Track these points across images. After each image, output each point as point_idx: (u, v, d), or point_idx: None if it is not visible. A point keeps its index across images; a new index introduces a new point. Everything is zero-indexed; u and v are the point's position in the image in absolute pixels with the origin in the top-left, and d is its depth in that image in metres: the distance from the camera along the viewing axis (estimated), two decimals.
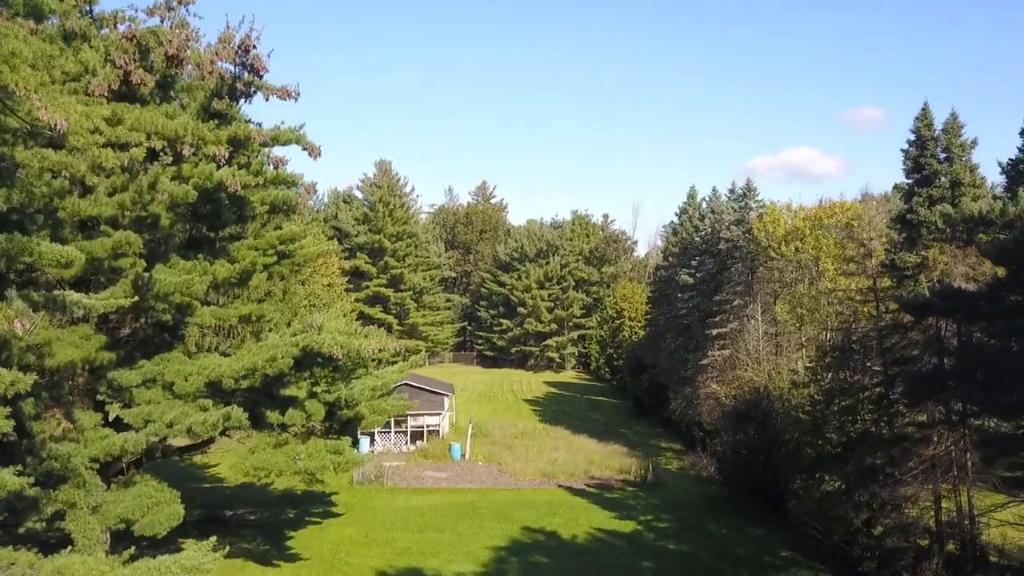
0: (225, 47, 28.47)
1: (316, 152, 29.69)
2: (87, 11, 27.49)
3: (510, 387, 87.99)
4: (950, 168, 26.43)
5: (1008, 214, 21.99)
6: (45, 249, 14.34)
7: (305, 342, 26.49)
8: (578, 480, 45.89)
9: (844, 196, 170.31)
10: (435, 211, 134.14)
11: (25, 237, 14.13)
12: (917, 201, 26.76)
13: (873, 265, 31.80)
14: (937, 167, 26.60)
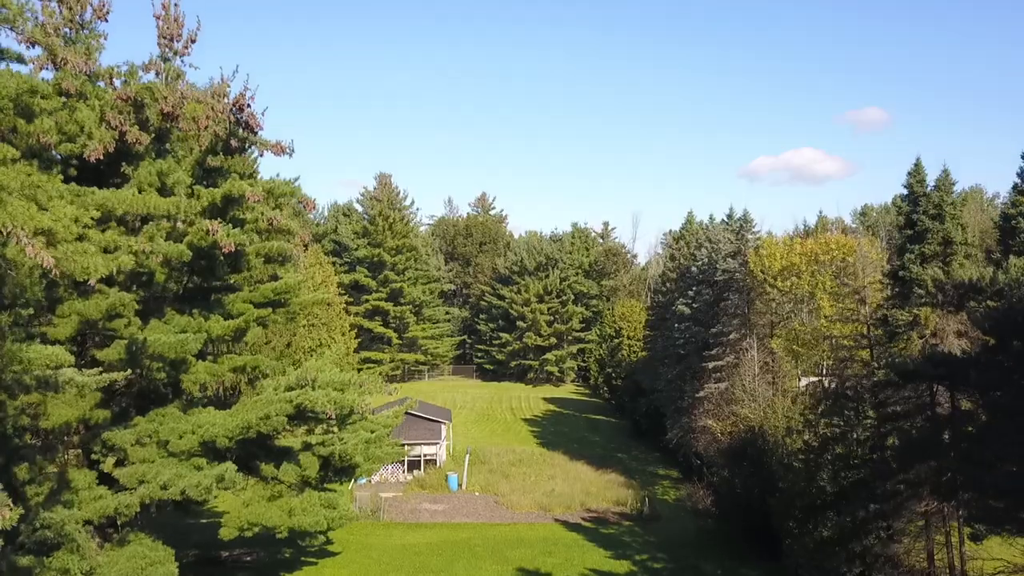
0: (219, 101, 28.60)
1: (311, 206, 29.94)
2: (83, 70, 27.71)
3: (509, 404, 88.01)
4: (941, 226, 26.54)
5: (998, 282, 22.06)
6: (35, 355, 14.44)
7: (299, 399, 26.61)
8: (574, 513, 45.97)
9: (843, 206, 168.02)
10: (435, 223, 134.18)
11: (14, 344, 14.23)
12: (909, 258, 26.87)
13: (866, 313, 31.88)
14: (928, 224, 26.71)
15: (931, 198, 26.98)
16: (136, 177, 26.75)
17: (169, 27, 30.30)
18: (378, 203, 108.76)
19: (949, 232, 26.28)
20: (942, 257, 26.33)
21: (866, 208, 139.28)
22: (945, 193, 26.90)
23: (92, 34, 28.36)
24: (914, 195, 27.44)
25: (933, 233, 26.53)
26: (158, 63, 29.57)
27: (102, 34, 28.79)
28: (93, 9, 28.51)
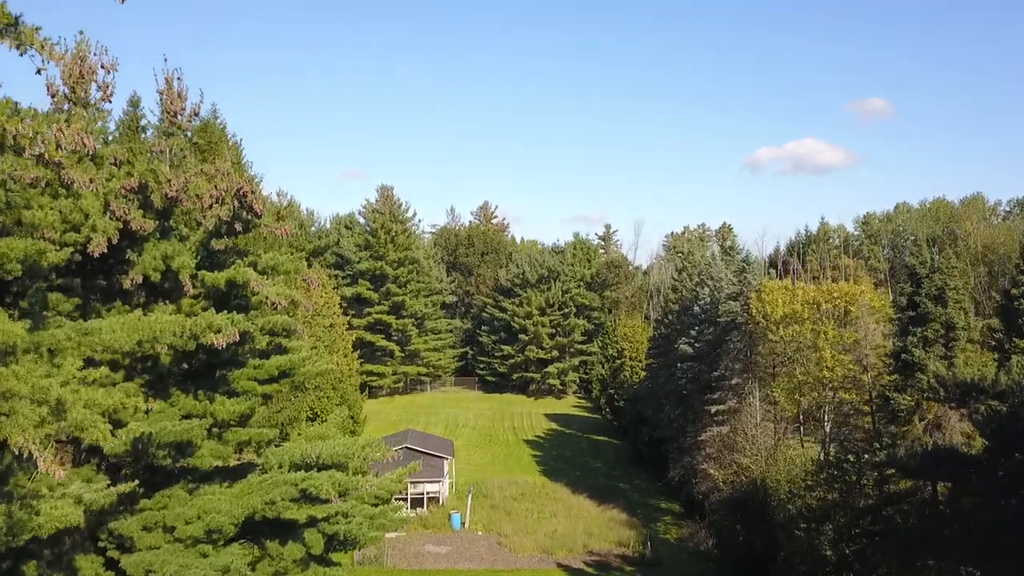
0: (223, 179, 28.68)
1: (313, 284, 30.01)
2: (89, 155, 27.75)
3: (511, 423, 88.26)
4: (944, 311, 26.61)
5: (1000, 384, 22.14)
6: (44, 520, 14.57)
7: (304, 484, 26.77)
8: (576, 556, 46.21)
9: (845, 213, 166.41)
10: (437, 232, 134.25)
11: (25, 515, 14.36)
12: (911, 341, 26.96)
13: (868, 381, 31.99)
14: (931, 308, 26.78)
15: (934, 281, 27.05)
16: (140, 263, 26.83)
17: (172, 102, 30.44)
18: (380, 216, 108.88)
19: (952, 317, 26.36)
20: (944, 342, 26.42)
21: (868, 217, 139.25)
22: (948, 276, 26.97)
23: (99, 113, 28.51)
24: (917, 276, 27.52)
25: (935, 317, 26.61)
26: (161, 142, 29.72)
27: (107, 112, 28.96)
28: (98, 86, 28.57)
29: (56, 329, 18.32)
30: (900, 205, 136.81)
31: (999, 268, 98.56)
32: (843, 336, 42.49)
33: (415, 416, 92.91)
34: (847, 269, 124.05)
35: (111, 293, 28.57)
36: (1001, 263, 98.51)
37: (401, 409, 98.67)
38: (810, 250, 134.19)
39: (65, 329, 18.55)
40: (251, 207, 27.51)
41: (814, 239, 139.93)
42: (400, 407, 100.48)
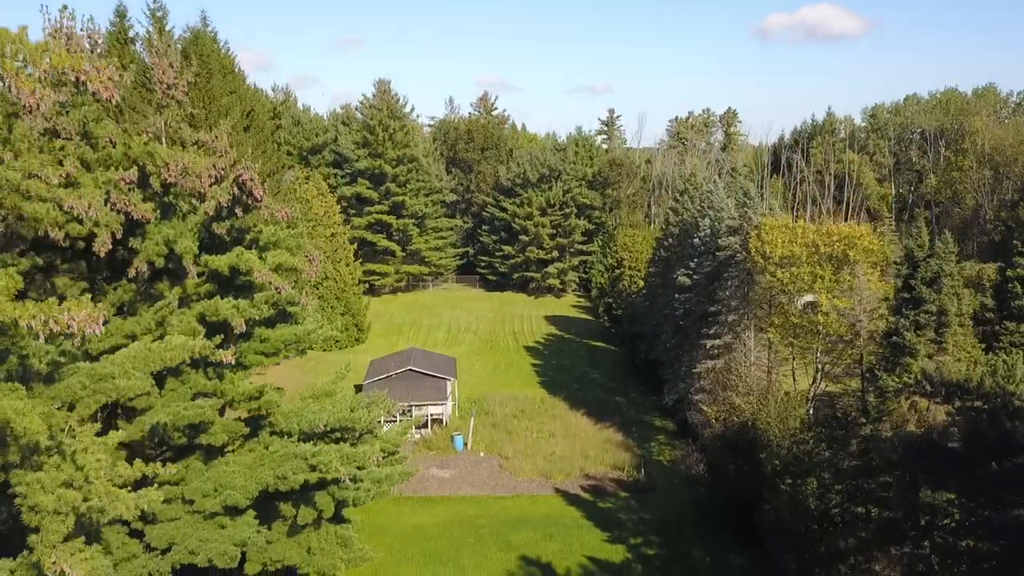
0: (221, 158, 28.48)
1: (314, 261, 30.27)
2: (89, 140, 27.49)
3: (512, 327, 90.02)
4: (938, 296, 27.03)
5: (984, 386, 22.91)
6: None
7: (314, 460, 28.11)
8: (573, 481, 48.59)
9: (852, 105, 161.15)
10: (435, 125, 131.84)
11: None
12: (904, 324, 27.50)
13: (861, 344, 32.84)
14: (925, 292, 27.17)
15: (930, 265, 27.32)
16: (144, 250, 27.10)
17: (165, 72, 29.73)
18: (378, 112, 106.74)
19: (944, 303, 26.82)
20: (936, 327, 27.01)
21: (876, 109, 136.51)
22: (945, 261, 27.22)
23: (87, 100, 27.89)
24: (914, 259, 27.76)
25: (929, 301, 27.07)
26: (157, 122, 29.24)
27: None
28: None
29: (71, 379, 18.83)
30: (910, 97, 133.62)
31: (1005, 170, 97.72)
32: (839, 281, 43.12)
33: (418, 317, 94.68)
34: (851, 165, 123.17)
35: (117, 271, 28.96)
36: (1008, 165, 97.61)
37: (404, 309, 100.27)
38: (815, 142, 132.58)
39: (79, 377, 19.09)
40: (251, 192, 27.50)
41: (820, 129, 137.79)
42: (403, 306, 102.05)
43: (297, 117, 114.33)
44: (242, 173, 26.88)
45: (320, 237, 77.29)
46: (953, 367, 24.79)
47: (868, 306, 33.20)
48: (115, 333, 26.99)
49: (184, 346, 22.45)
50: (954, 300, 26.91)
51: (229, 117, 65.38)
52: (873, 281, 43.29)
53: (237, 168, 26.99)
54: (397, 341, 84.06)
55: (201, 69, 63.62)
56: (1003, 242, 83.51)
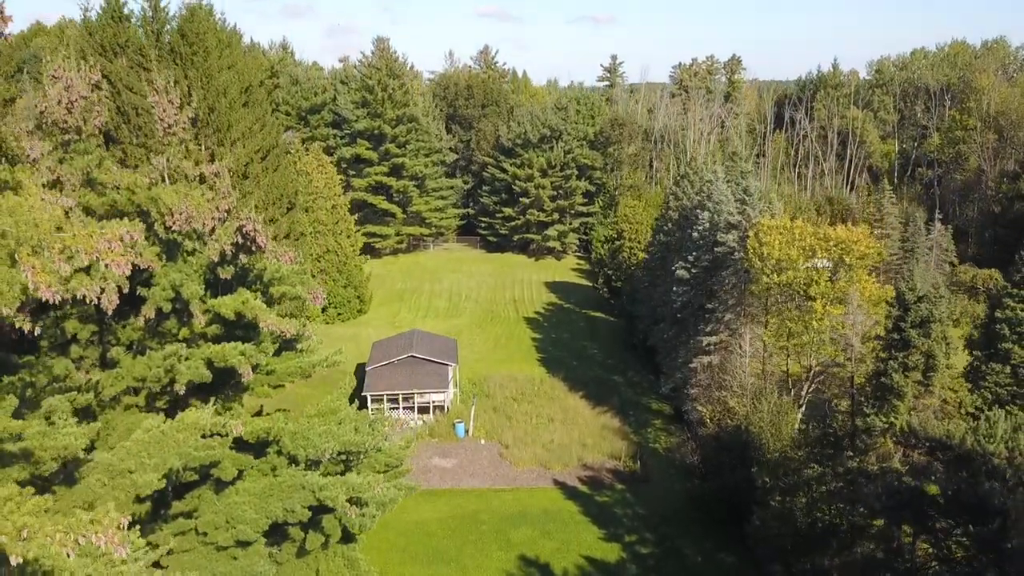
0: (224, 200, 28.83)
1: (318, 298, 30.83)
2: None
3: (512, 294, 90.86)
4: (927, 341, 27.70)
5: (966, 444, 23.80)
6: None
7: (321, 494, 29.24)
8: (571, 471, 50.10)
9: (858, 58, 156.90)
10: (435, 79, 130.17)
11: None
12: (892, 365, 28.25)
13: (853, 363, 33.72)
14: (914, 337, 27.84)
15: (919, 310, 27.92)
16: (152, 297, 27.69)
17: (165, 111, 29.80)
18: (377, 72, 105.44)
19: (932, 349, 27.52)
20: (924, 370, 27.76)
21: (881, 63, 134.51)
22: (934, 307, 27.81)
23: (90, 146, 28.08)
24: (904, 302, 28.34)
25: (918, 346, 27.77)
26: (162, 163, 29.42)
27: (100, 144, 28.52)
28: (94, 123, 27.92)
29: (91, 478, 19.64)
30: (917, 51, 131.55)
31: (1009, 134, 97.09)
32: (835, 288, 43.75)
33: (418, 283, 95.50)
34: (855, 121, 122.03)
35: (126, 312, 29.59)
36: (1012, 129, 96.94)
37: (405, 272, 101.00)
38: (819, 95, 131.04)
39: (98, 474, 19.88)
40: (254, 240, 27.89)
41: (824, 83, 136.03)
42: (404, 269, 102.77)
43: (295, 76, 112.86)
44: (245, 224, 27.26)
45: (321, 210, 77.53)
46: (935, 425, 25.66)
47: (860, 329, 33.89)
48: (125, 376, 27.80)
49: (196, 424, 23.26)
50: (942, 345, 27.63)
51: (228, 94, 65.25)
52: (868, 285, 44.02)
53: (240, 218, 27.34)
54: (399, 310, 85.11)
55: (198, 48, 62.98)
56: (1003, 213, 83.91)
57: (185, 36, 62.44)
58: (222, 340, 29.78)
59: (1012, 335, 34.95)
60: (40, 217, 15.21)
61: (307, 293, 30.52)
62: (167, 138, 29.64)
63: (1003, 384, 34.57)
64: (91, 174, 27.68)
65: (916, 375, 27.63)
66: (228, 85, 65.01)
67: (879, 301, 43.68)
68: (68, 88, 26.39)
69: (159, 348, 29.56)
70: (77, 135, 27.26)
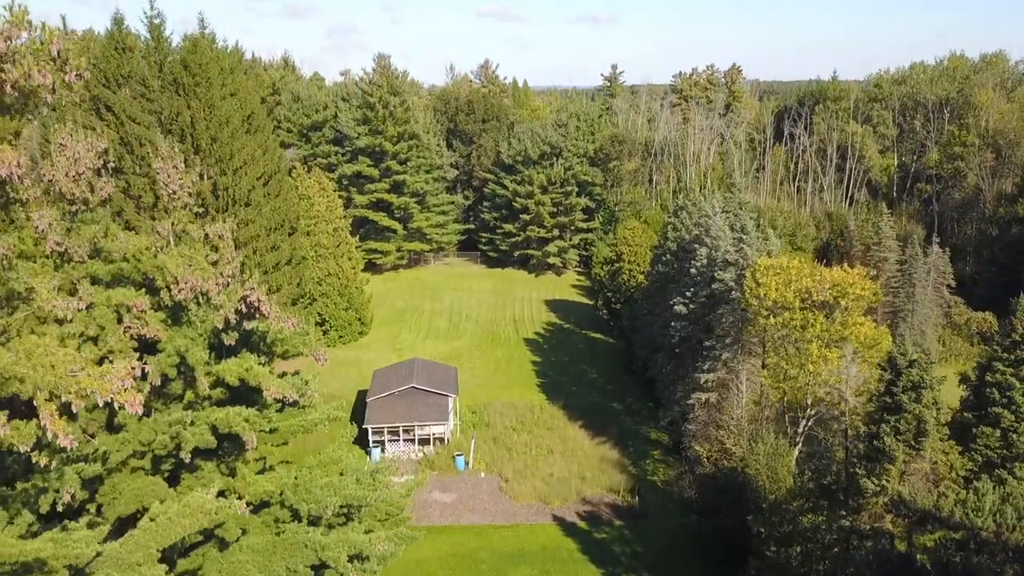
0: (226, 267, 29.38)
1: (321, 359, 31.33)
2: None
3: (512, 313, 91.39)
4: (918, 406, 28.22)
5: (955, 517, 24.34)
6: None
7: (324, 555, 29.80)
8: (570, 505, 50.64)
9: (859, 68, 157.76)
10: (436, 95, 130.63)
11: None
12: (884, 429, 28.77)
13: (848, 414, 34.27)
14: (905, 402, 28.36)
15: (911, 375, 28.44)
16: (157, 365, 28.21)
17: (170, 177, 30.31)
18: (378, 89, 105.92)
19: (923, 414, 28.03)
20: (915, 433, 28.29)
21: (880, 78, 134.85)
22: (924, 372, 28.33)
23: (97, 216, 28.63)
24: (896, 367, 28.88)
25: (909, 411, 28.29)
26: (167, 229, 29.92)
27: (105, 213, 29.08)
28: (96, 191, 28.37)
29: (100, 574, 20.16)
30: (916, 65, 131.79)
31: (1007, 153, 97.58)
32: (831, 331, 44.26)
33: (419, 301, 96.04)
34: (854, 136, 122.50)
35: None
36: (1010, 148, 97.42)
37: (405, 289, 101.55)
38: (819, 109, 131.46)
39: (108, 569, 20.39)
40: (258, 309, 28.40)
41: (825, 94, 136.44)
42: (404, 286, 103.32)
43: (296, 92, 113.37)
44: (249, 294, 27.78)
45: (322, 233, 78.06)
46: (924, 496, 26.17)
47: (854, 384, 34.42)
48: (131, 440, 28.34)
49: (202, 508, 23.80)
50: (933, 411, 28.15)
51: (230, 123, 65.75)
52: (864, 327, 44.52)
53: (245, 288, 27.86)
54: (399, 331, 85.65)
55: (200, 78, 63.47)
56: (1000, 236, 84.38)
57: (188, 67, 62.91)
58: (226, 402, 30.38)
59: (1002, 399, 35.48)
60: (55, 358, 15.73)
61: (311, 354, 31.03)
62: (171, 203, 30.12)
63: (993, 447, 35.08)
64: (98, 244, 28.23)
65: (907, 438, 28.16)
66: (230, 114, 65.54)
67: (875, 344, 44.27)
68: (75, 160, 26.87)
69: (164, 409, 30.20)
70: (84, 206, 27.77)
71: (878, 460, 28.97)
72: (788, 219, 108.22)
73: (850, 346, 37.24)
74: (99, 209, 28.34)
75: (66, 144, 27.39)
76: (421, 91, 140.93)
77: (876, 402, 29.68)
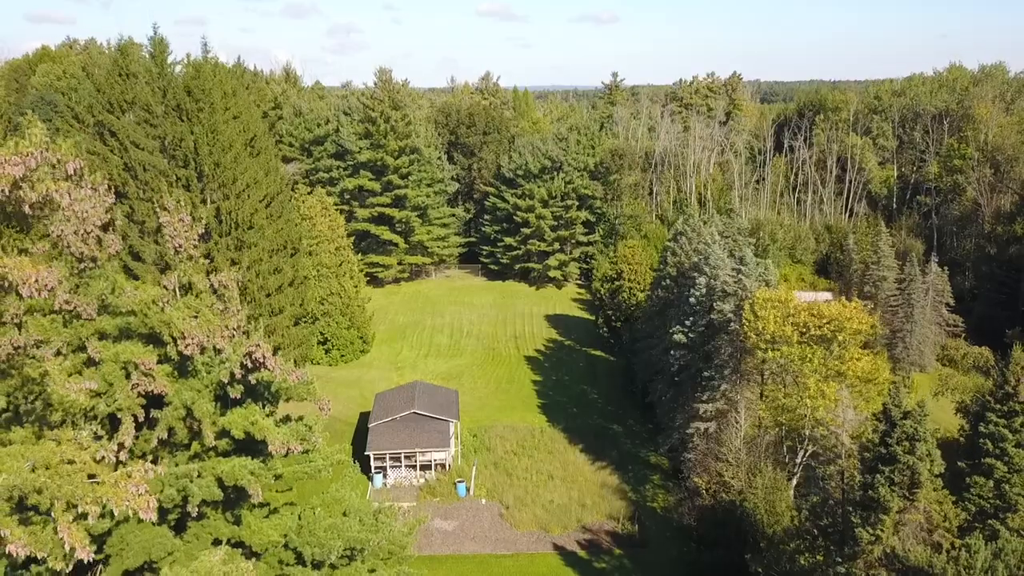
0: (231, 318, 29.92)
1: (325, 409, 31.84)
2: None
3: (513, 330, 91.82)
4: (912, 458, 28.68)
5: (947, 574, 24.82)
6: None
7: None
8: (571, 533, 51.09)
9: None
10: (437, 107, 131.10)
11: None
12: (879, 479, 29.24)
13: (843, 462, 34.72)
14: (900, 454, 28.83)
15: (905, 427, 28.91)
16: (164, 418, 28.79)
17: (176, 231, 30.82)
18: (379, 103, 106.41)
19: (916, 466, 28.51)
20: (909, 485, 28.78)
21: (880, 89, 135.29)
22: (919, 424, 28.79)
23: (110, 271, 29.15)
24: (891, 419, 29.36)
25: (903, 462, 28.77)
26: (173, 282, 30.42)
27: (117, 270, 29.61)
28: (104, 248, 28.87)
29: None
30: (916, 76, 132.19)
31: (1006, 169, 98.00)
32: (828, 365, 44.75)
33: (420, 317, 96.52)
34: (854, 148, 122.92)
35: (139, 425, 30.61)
36: (1008, 164, 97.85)
37: (407, 304, 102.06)
38: (818, 120, 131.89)
39: None
40: (263, 364, 28.88)
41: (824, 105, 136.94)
42: (406, 301, 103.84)
43: (298, 107, 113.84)
44: (254, 351, 28.25)
45: (324, 253, 78.57)
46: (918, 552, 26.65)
47: (850, 428, 34.90)
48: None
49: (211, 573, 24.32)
50: (927, 462, 28.62)
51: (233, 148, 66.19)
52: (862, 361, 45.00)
53: (250, 344, 28.34)
54: (401, 348, 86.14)
55: (204, 104, 63.92)
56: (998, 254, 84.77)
57: (191, 93, 63.34)
58: (232, 451, 30.87)
59: (995, 450, 35.91)
60: (73, 467, 16.20)
61: (314, 403, 31.53)
62: (178, 257, 30.63)
63: (986, 497, 35.53)
64: (106, 300, 28.74)
65: (902, 489, 28.64)
66: (233, 139, 65.99)
67: (872, 378, 44.75)
68: (83, 219, 27.36)
69: (171, 458, 30.74)
70: (92, 263, 28.29)
71: (873, 509, 29.46)
72: (788, 232, 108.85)
73: (847, 391, 37.72)
74: (108, 266, 28.89)
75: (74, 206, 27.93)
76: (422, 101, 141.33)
77: (871, 451, 30.15)
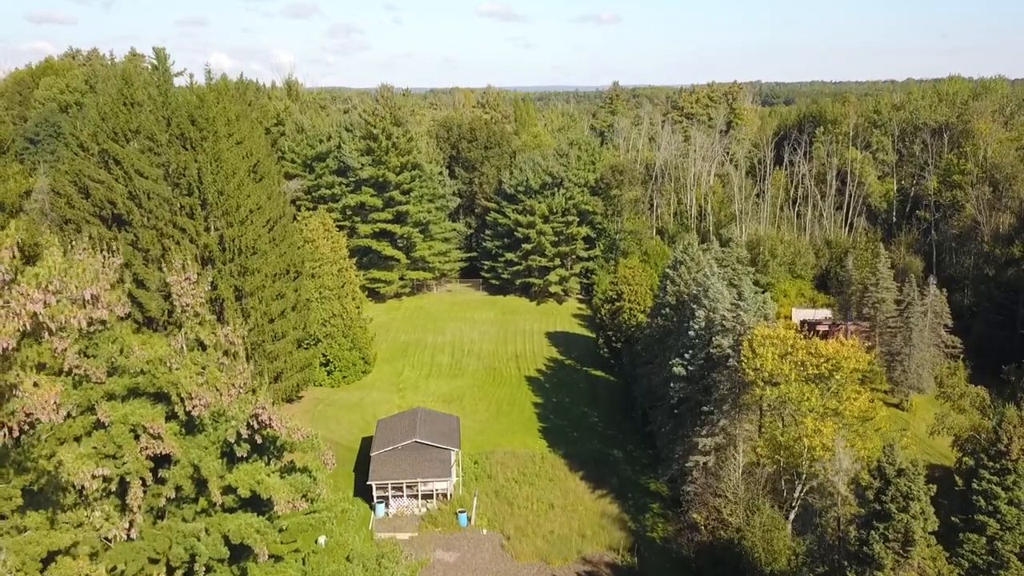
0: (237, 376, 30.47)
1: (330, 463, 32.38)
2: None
3: (514, 348, 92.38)
4: (906, 516, 29.23)
5: None
6: None
7: None
8: (571, 565, 51.66)
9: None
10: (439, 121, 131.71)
11: None
12: (874, 536, 29.79)
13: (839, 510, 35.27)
14: (894, 512, 29.37)
15: (899, 486, 29.45)
16: (172, 477, 29.32)
17: (183, 289, 31.35)
18: (381, 120, 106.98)
19: (910, 523, 29.05)
20: (903, 542, 29.33)
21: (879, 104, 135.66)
22: (913, 483, 29.33)
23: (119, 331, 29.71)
24: (885, 476, 29.91)
25: (897, 520, 29.30)
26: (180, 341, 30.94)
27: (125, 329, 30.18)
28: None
29: None
30: (915, 90, 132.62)
31: (1005, 187, 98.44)
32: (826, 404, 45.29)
33: (422, 335, 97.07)
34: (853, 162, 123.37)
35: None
36: (1007, 182, 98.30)
37: (408, 321, 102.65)
38: (818, 133, 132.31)
39: None
40: (268, 424, 29.43)
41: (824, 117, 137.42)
42: (407, 317, 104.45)
43: (300, 123, 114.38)
44: (259, 413, 28.81)
45: (327, 275, 79.10)
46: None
47: (846, 476, 35.45)
48: (147, 548, 29.46)
49: None
50: (921, 521, 29.15)
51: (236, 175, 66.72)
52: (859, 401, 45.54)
53: (255, 406, 28.89)
54: (402, 368, 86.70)
55: (208, 133, 64.48)
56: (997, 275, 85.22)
57: (195, 122, 63.93)
58: (238, 508, 31.41)
59: (988, 507, 36.44)
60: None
61: (319, 459, 32.07)
62: (185, 315, 31.15)
63: (979, 553, 36.04)
64: (115, 362, 29.28)
65: (896, 546, 29.18)
66: (237, 166, 66.53)
67: (869, 418, 45.29)
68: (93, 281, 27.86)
69: (177, 512, 31.28)
70: (101, 325, 28.79)
71: (868, 564, 30.01)
72: (788, 247, 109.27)
73: (842, 441, 38.29)
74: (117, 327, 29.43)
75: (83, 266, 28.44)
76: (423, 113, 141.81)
77: (867, 507, 30.70)
